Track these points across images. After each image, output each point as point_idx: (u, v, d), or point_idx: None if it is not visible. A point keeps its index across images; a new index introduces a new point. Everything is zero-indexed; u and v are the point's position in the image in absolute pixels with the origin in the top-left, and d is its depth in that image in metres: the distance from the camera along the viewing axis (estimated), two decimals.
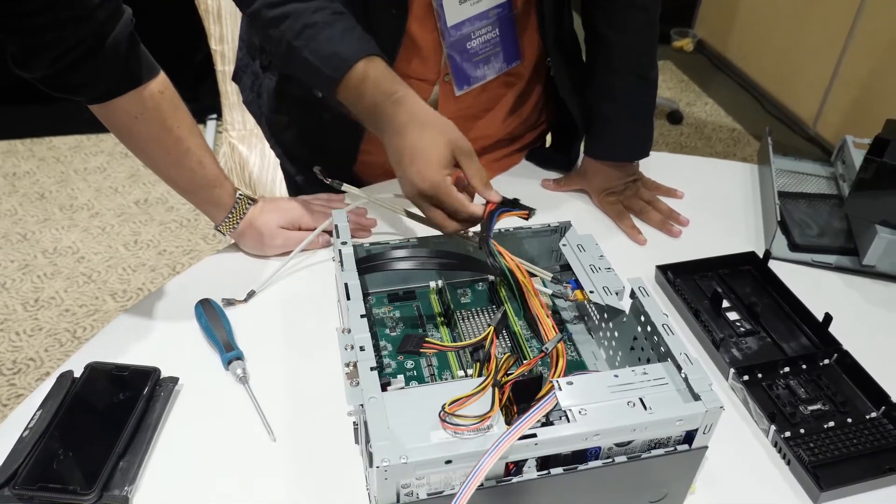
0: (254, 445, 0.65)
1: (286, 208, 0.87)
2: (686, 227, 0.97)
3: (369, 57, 0.76)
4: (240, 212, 0.84)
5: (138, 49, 0.73)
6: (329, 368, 0.72)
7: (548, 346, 0.59)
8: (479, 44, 0.89)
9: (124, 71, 0.72)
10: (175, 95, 0.77)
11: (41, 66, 0.67)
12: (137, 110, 0.74)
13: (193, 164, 0.80)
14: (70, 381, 0.67)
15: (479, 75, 0.92)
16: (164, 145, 0.77)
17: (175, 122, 0.77)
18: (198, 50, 2.33)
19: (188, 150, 0.79)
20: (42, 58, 0.66)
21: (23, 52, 0.65)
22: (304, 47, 0.77)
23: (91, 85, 0.71)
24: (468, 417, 0.52)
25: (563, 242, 0.75)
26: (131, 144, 0.78)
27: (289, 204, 0.89)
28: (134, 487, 0.60)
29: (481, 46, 0.90)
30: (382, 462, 0.48)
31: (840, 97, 2.52)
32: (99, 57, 0.68)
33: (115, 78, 0.71)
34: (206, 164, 0.81)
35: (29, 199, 2.27)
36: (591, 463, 0.55)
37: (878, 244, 0.86)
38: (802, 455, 0.66)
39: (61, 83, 0.69)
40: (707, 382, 0.56)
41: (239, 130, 1.63)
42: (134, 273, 2.01)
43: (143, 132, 0.76)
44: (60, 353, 1.75)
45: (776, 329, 0.80)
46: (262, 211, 0.85)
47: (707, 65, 3.23)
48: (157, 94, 0.74)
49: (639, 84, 0.97)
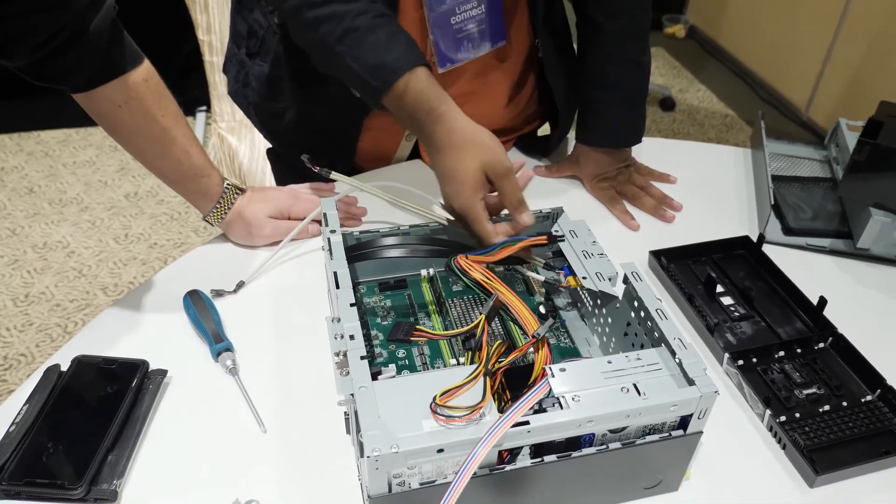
0: (244, 437, 0.64)
1: (274, 197, 0.86)
2: (679, 212, 0.96)
3: (413, 68, 0.74)
4: (227, 201, 0.83)
5: (121, 37, 0.72)
6: (319, 358, 0.71)
7: (539, 331, 0.59)
8: (463, 19, 0.88)
9: (106, 59, 0.70)
10: (160, 84, 0.76)
11: (22, 54, 0.65)
12: (121, 99, 0.73)
13: (179, 153, 0.78)
14: (57, 375, 0.66)
15: (462, 55, 0.90)
16: (150, 134, 0.76)
17: (160, 111, 0.75)
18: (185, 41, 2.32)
19: (174, 140, 0.77)
20: (22, 46, 0.65)
21: (2, 40, 0.64)
22: (347, 53, 0.75)
23: (73, 73, 0.69)
24: (460, 408, 0.51)
25: (555, 229, 0.74)
26: (116, 134, 0.77)
27: (277, 193, 0.88)
28: (123, 481, 0.59)
29: (466, 23, 0.88)
30: (373, 452, 0.48)
31: (832, 82, 2.51)
32: (80, 45, 0.67)
33: (98, 66, 0.70)
34: (192, 154, 0.79)
35: (18, 193, 2.25)
36: (585, 450, 0.54)
37: (872, 227, 0.86)
38: (798, 439, 0.65)
39: (43, 72, 0.68)
40: (701, 367, 0.55)
41: (228, 121, 1.62)
42: (125, 267, 2.00)
43: (127, 121, 0.75)
44: (51, 349, 1.73)
45: (771, 313, 0.80)
46: (250, 200, 0.84)
47: (699, 51, 3.22)
48: (140, 82, 0.73)
49: (631, 69, 0.96)
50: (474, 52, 0.91)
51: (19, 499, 0.58)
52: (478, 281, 0.68)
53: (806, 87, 2.61)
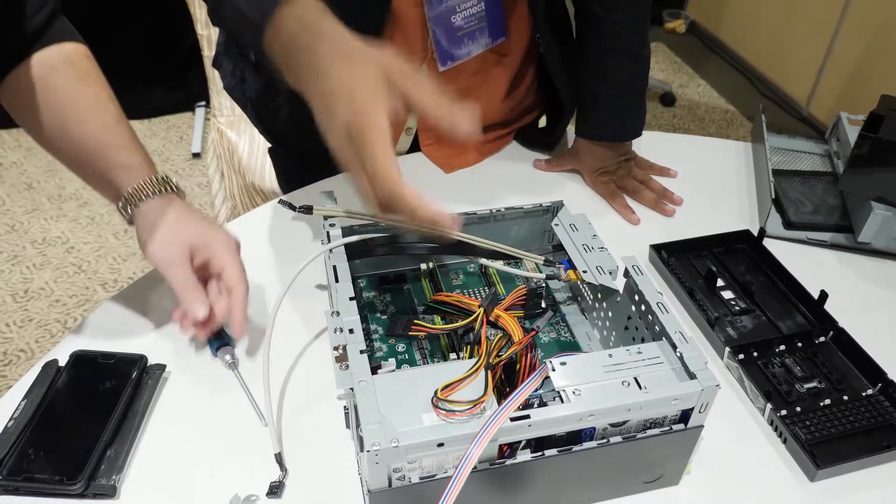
0: (244, 431, 0.64)
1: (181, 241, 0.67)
2: (680, 206, 0.96)
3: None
4: (143, 191, 0.68)
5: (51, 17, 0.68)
6: (319, 353, 0.71)
7: (539, 323, 0.58)
8: (463, 17, 0.87)
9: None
10: (88, 71, 0.70)
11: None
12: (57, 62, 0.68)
13: (108, 118, 0.69)
14: (55, 370, 0.66)
15: (462, 52, 0.90)
16: (79, 100, 0.69)
17: (87, 81, 0.70)
18: (185, 37, 2.31)
19: (104, 107, 0.70)
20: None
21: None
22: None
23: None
24: (462, 402, 0.51)
25: (555, 222, 0.73)
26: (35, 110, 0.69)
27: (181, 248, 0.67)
28: (122, 476, 0.59)
29: (466, 20, 0.88)
30: (373, 446, 0.47)
31: (833, 77, 2.51)
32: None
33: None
34: (123, 126, 0.70)
35: (17, 189, 2.24)
36: (586, 444, 0.54)
37: (873, 221, 0.86)
38: (799, 433, 0.65)
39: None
40: (702, 361, 0.55)
41: (227, 116, 1.61)
42: (124, 263, 1.99)
43: (58, 84, 0.68)
44: (51, 344, 1.73)
45: (771, 307, 0.79)
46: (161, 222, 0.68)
47: (700, 46, 3.21)
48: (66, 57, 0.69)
49: (630, 63, 0.96)
50: (475, 49, 0.91)
51: (18, 494, 0.57)
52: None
53: (807, 82, 2.61)
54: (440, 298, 0.68)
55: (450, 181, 0.99)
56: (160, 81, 2.54)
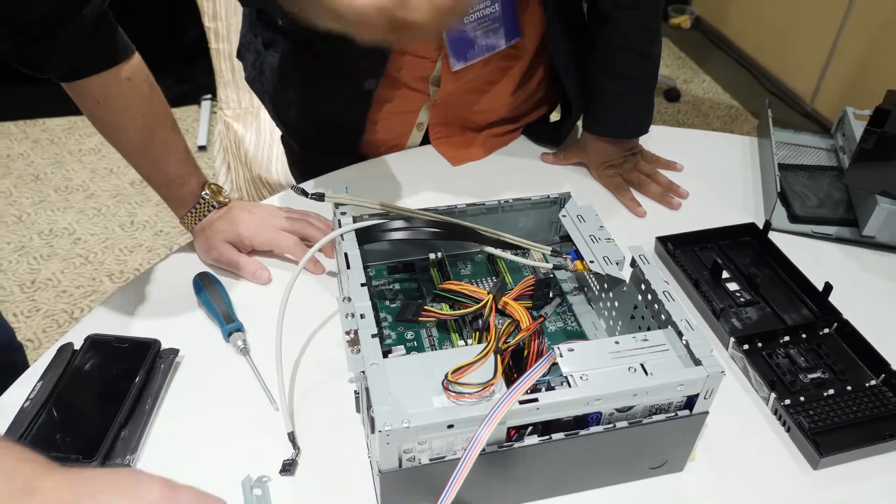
0: (255, 414, 0.65)
1: (242, 220, 0.81)
2: (686, 200, 0.97)
3: None
4: (199, 214, 0.80)
5: (110, 31, 0.71)
6: (330, 338, 0.72)
7: (546, 310, 0.59)
8: (477, 18, 0.88)
9: (89, 52, 0.69)
10: (145, 83, 0.74)
11: (2, 38, 0.64)
12: (100, 95, 0.72)
13: (155, 157, 0.77)
14: (70, 353, 0.67)
15: (476, 52, 0.90)
16: (126, 134, 0.75)
17: (139, 112, 0.74)
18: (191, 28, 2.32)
19: (150, 145, 0.76)
20: (6, 26, 0.64)
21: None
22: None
23: (50, 62, 0.68)
24: (472, 385, 0.52)
25: (562, 213, 0.74)
26: (97, 128, 0.76)
27: (247, 216, 0.82)
28: (136, 456, 0.60)
29: (480, 21, 0.88)
30: (385, 427, 0.48)
31: (838, 73, 2.50)
32: (61, 34, 0.66)
33: (78, 58, 0.69)
34: (169, 162, 0.78)
35: (24, 180, 2.25)
36: (592, 428, 0.55)
37: (878, 215, 0.86)
38: (802, 422, 0.66)
39: (21, 57, 0.67)
40: (708, 348, 0.56)
41: (234, 109, 1.62)
42: (131, 254, 2.01)
43: (104, 117, 0.74)
44: (58, 334, 1.74)
45: (776, 299, 0.80)
46: (219, 218, 0.81)
47: (704, 41, 3.22)
48: (123, 80, 0.72)
49: (640, 60, 0.96)
50: (489, 49, 0.91)
51: None
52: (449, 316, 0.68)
53: (811, 77, 2.61)
54: (449, 287, 0.69)
55: (459, 174, 1.00)
56: (165, 74, 2.52)
